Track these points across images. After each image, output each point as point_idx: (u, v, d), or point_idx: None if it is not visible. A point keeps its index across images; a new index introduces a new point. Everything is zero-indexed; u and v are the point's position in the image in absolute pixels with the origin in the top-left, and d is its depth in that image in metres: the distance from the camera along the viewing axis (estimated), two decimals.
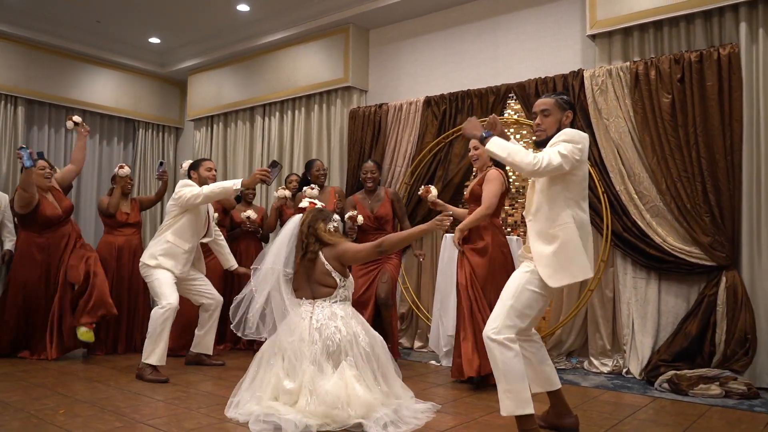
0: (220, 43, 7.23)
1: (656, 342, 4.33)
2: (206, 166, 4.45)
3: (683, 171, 4.21)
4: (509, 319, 2.56)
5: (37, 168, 4.61)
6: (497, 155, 2.65)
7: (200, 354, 4.53)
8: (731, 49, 4.10)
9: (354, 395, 2.85)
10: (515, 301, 2.59)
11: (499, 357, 2.51)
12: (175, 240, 4.21)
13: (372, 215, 4.77)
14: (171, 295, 4.08)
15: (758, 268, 4.01)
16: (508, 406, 2.51)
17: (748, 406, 3.53)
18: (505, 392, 2.51)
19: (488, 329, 2.57)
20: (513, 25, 5.42)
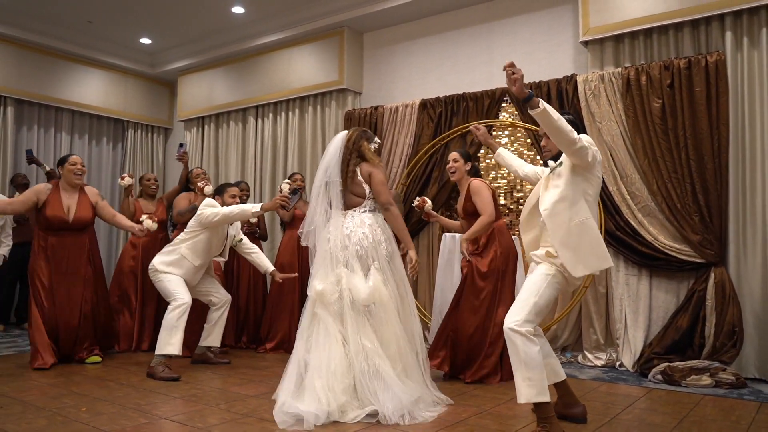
0: (212, 44, 7.27)
1: (648, 336, 4.53)
2: (231, 192, 4.55)
3: (673, 172, 4.42)
4: (530, 315, 2.68)
5: (68, 164, 4.59)
6: (551, 116, 2.58)
7: (207, 352, 4.60)
8: (718, 56, 4.32)
9: (379, 296, 3.21)
10: (538, 299, 2.72)
11: (521, 347, 2.63)
12: (188, 255, 4.31)
13: None
14: (184, 294, 4.20)
15: (744, 264, 4.24)
16: (528, 394, 2.63)
17: (737, 394, 3.75)
18: (524, 380, 2.63)
19: (510, 321, 2.68)
20: (507, 30, 5.59)
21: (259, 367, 4.54)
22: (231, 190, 4.58)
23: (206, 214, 4.25)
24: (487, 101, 5.37)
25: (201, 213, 4.29)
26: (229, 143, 7.43)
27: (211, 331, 4.59)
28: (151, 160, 8.30)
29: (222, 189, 4.60)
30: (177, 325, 4.10)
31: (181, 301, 4.15)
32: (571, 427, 2.91)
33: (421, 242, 5.74)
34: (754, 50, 4.29)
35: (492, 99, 5.35)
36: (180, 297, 4.17)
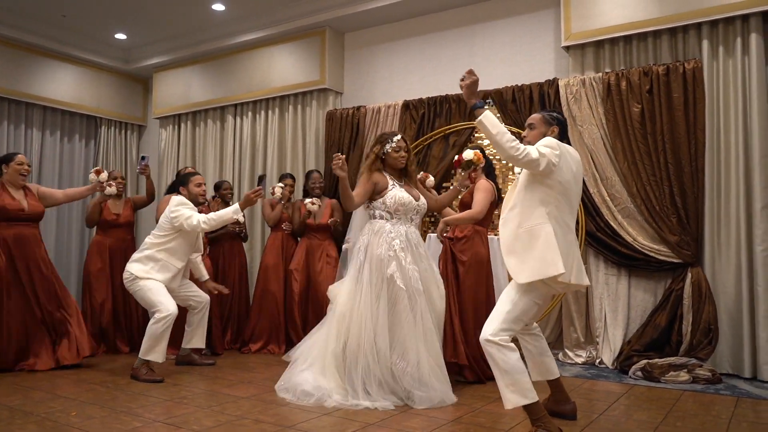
0: (191, 41, 7.18)
1: (626, 334, 4.66)
2: (196, 181, 4.33)
3: (652, 175, 4.55)
4: (505, 324, 2.71)
5: (14, 163, 4.43)
6: (487, 128, 2.64)
7: (191, 353, 4.56)
8: (695, 64, 4.47)
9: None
10: (512, 307, 2.74)
11: (498, 356, 2.67)
12: (168, 258, 4.18)
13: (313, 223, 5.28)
14: (169, 303, 4.05)
15: (719, 264, 4.40)
16: (512, 399, 2.68)
17: (714, 390, 3.90)
18: (507, 386, 2.67)
19: (486, 332, 2.72)
20: (489, 33, 5.67)
21: (246, 368, 4.52)
22: (195, 178, 4.34)
23: (184, 224, 4.08)
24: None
25: (177, 215, 4.10)
26: (206, 142, 7.34)
27: (194, 334, 4.53)
28: (124, 158, 8.15)
29: (186, 179, 4.35)
30: (162, 336, 4.03)
31: (166, 313, 3.99)
32: (562, 424, 2.98)
33: None
34: (729, 59, 4.45)
35: None
36: (165, 308, 4.00)
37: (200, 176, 4.44)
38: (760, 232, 4.20)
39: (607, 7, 4.84)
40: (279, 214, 5.31)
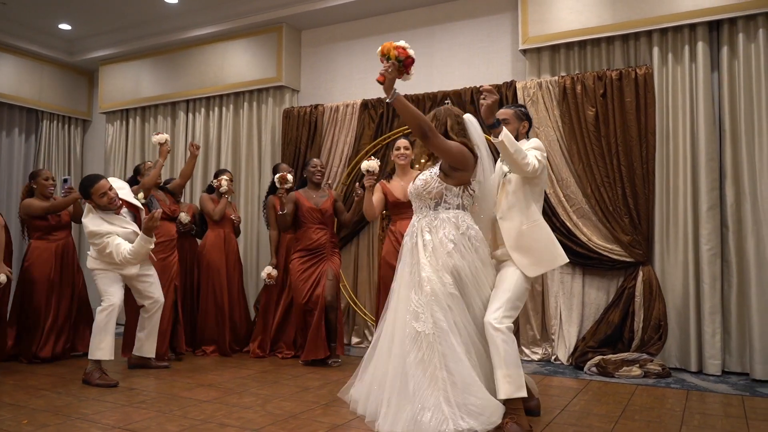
0: (140, 33, 6.95)
1: (581, 331, 4.80)
2: (99, 191, 3.95)
3: (606, 177, 4.70)
4: (508, 310, 2.80)
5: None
6: (507, 149, 2.77)
7: (143, 356, 4.42)
8: (646, 70, 4.64)
9: None
10: (512, 294, 2.84)
11: (502, 346, 2.72)
12: (113, 266, 4.03)
13: (317, 207, 4.80)
14: (115, 294, 4.00)
15: (668, 263, 4.59)
16: (508, 390, 2.71)
17: (665, 383, 4.06)
18: (504, 377, 2.72)
19: (491, 318, 2.77)
20: (447, 35, 5.72)
21: (203, 370, 4.41)
22: (98, 188, 3.92)
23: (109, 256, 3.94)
24: (429, 103, 5.47)
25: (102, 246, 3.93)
26: None
27: (145, 342, 4.36)
28: (68, 154, 7.81)
29: (87, 191, 3.95)
30: (106, 329, 3.92)
31: (109, 302, 3.95)
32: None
33: (362, 242, 5.77)
34: (677, 65, 4.64)
35: (433, 102, 5.46)
36: (108, 297, 3.97)
37: (104, 181, 3.99)
38: (706, 232, 4.40)
39: (563, 13, 4.96)
40: (224, 208, 5.20)
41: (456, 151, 2.94)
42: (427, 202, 3.03)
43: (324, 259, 4.77)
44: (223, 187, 5.14)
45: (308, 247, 4.75)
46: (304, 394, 3.66)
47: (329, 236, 4.85)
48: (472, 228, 2.95)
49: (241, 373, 4.31)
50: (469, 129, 3.04)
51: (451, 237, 2.91)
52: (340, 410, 3.28)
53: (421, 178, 3.06)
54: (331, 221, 4.89)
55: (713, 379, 4.21)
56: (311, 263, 4.75)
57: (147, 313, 4.33)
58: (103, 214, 4.03)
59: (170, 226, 4.92)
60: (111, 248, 3.94)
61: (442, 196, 2.99)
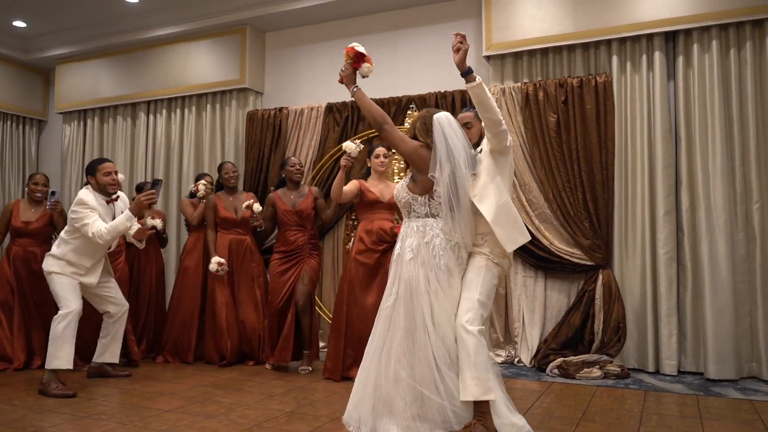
0: (99, 32, 6.78)
1: (543, 333, 4.88)
2: (104, 170, 4.04)
3: (567, 182, 4.79)
4: (479, 311, 2.78)
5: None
6: (485, 92, 2.82)
7: (104, 365, 4.31)
8: (605, 78, 4.76)
9: None
10: (479, 294, 2.81)
11: (473, 348, 2.72)
12: (76, 259, 3.98)
13: (293, 210, 4.71)
14: (73, 302, 3.91)
15: (626, 266, 4.71)
16: (475, 392, 2.70)
17: (624, 384, 4.16)
18: (472, 379, 2.71)
19: (462, 321, 2.76)
20: (412, 39, 5.75)
21: (164, 379, 4.33)
22: (104, 166, 4.04)
23: (83, 228, 3.86)
24: (394, 108, 5.50)
25: (76, 217, 3.89)
26: (116, 139, 6.97)
27: (108, 347, 4.25)
28: (22, 154, 7.57)
29: (93, 167, 4.05)
30: (64, 337, 3.82)
31: (67, 310, 3.85)
32: None
33: (327, 244, 5.75)
34: (635, 74, 4.76)
35: (398, 106, 5.49)
36: (67, 304, 3.88)
37: (111, 164, 4.11)
38: (662, 236, 4.53)
39: (525, 21, 5.04)
40: (203, 213, 5.11)
41: (409, 149, 2.96)
42: (402, 210, 3.10)
43: (301, 261, 4.69)
44: (201, 191, 5.06)
45: (286, 249, 4.70)
46: (269, 401, 3.63)
47: (307, 237, 4.76)
48: (438, 236, 2.92)
49: (203, 380, 4.25)
50: (435, 127, 2.97)
51: (413, 246, 2.93)
52: (305, 417, 3.27)
53: (396, 188, 3.11)
54: (309, 222, 4.79)
55: (670, 379, 4.34)
56: (289, 264, 4.68)
57: (112, 318, 4.23)
58: (99, 196, 4.02)
59: None
60: (89, 221, 3.85)
61: (410, 206, 3.01)
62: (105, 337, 4.26)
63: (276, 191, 4.86)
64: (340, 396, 3.76)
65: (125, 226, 3.90)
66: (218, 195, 5.07)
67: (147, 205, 3.88)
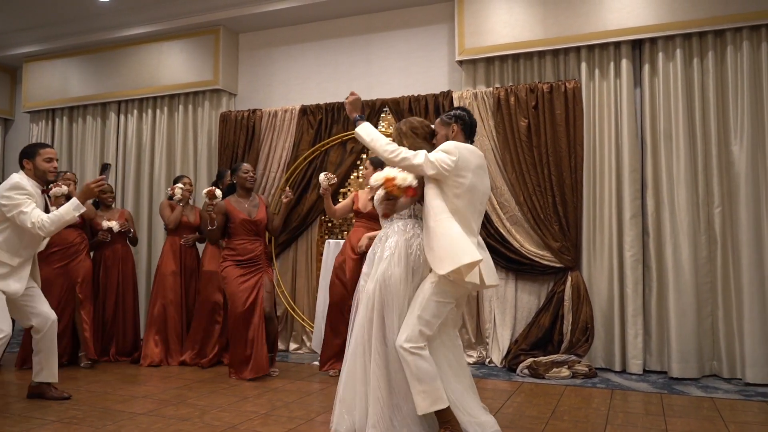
0: (69, 30, 6.68)
1: (513, 334, 4.98)
2: (45, 155, 3.61)
3: (537, 186, 4.90)
4: (416, 329, 2.76)
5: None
6: (362, 137, 2.93)
7: (42, 384, 3.75)
8: (575, 84, 4.87)
9: None
10: (422, 312, 2.79)
11: (411, 362, 2.73)
12: (1, 255, 3.48)
13: (251, 219, 4.61)
14: (3, 322, 3.36)
15: (594, 268, 4.83)
16: (424, 406, 2.73)
17: (591, 383, 4.27)
18: (419, 393, 2.73)
19: (400, 339, 2.77)
20: (385, 43, 5.80)
21: (137, 381, 4.30)
22: (45, 151, 3.61)
23: (19, 217, 3.40)
24: (367, 111, 5.53)
25: (7, 204, 3.42)
26: (85, 140, 6.87)
27: (44, 365, 3.70)
28: None
29: (32, 150, 3.62)
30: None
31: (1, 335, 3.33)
32: None
33: (300, 246, 5.76)
34: (603, 81, 4.89)
35: (372, 109, 5.53)
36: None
37: (52, 149, 3.69)
38: (629, 238, 4.66)
39: (497, 27, 5.14)
40: (179, 216, 5.08)
41: None
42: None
43: (260, 270, 4.59)
44: (177, 195, 5.01)
45: (242, 259, 4.55)
46: (243, 404, 3.64)
47: (263, 247, 4.75)
48: (418, 236, 2.96)
49: (176, 383, 4.23)
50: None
51: (391, 245, 2.96)
52: (279, 419, 3.29)
53: (378, 193, 3.06)
54: (264, 232, 4.75)
55: (635, 378, 4.47)
56: (248, 271, 4.56)
57: (38, 334, 3.66)
58: (34, 183, 3.60)
59: (70, 233, 4.78)
60: (27, 209, 3.40)
61: None
62: (38, 354, 3.71)
63: (227, 198, 4.67)
64: (314, 397, 3.79)
65: (71, 216, 3.47)
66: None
67: (96, 192, 3.58)
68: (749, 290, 4.34)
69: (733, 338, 4.44)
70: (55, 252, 4.76)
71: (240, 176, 4.67)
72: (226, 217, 4.58)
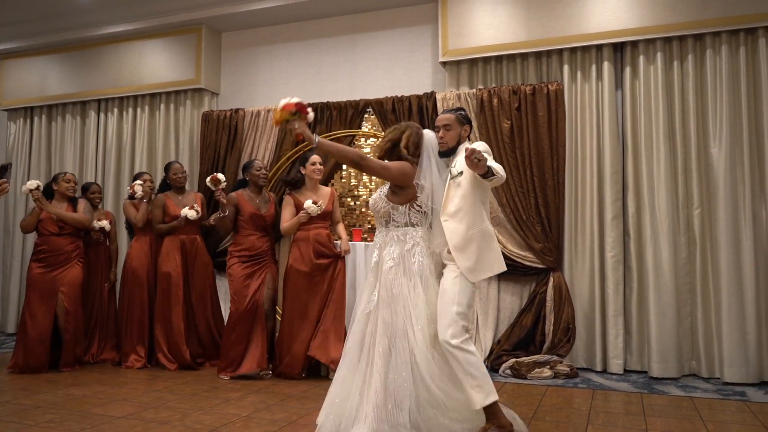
0: (48, 27, 6.58)
1: (496, 334, 5.00)
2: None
3: (520, 187, 4.92)
4: (459, 324, 2.80)
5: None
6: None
7: None
8: (557, 86, 4.90)
9: None
10: (458, 306, 2.82)
11: (462, 360, 2.75)
12: None
13: (261, 214, 4.67)
14: None
15: (576, 269, 4.87)
16: (480, 399, 2.76)
17: (573, 384, 4.30)
18: (473, 387, 2.76)
19: (446, 336, 2.77)
20: (369, 44, 5.79)
21: (115, 384, 4.25)
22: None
23: None
24: (351, 111, 5.53)
25: None
26: (64, 138, 6.77)
27: None
28: None
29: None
30: None
31: None
32: None
33: (282, 248, 5.72)
34: (585, 83, 4.93)
35: (356, 109, 5.52)
36: None
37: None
38: (610, 240, 4.71)
39: (481, 28, 5.15)
40: (146, 214, 5.01)
41: (395, 172, 3.00)
42: (379, 220, 3.13)
43: (265, 266, 4.62)
44: (137, 193, 4.94)
45: (249, 254, 4.58)
46: (225, 406, 3.61)
47: (270, 243, 4.76)
48: (419, 244, 2.98)
49: (156, 385, 4.19)
50: (425, 143, 3.07)
51: (393, 256, 2.97)
52: (261, 421, 3.27)
53: (373, 197, 3.14)
54: (271, 229, 4.77)
55: (616, 377, 4.51)
56: (254, 269, 4.56)
57: None
58: None
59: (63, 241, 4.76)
60: None
61: (389, 215, 3.06)
62: None
63: (238, 190, 4.75)
64: (296, 399, 3.77)
65: None
66: (167, 194, 4.99)
67: None
68: (727, 291, 4.40)
69: (711, 338, 4.50)
70: (43, 257, 4.70)
71: (253, 173, 4.76)
72: (236, 209, 4.65)
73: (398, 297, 2.90)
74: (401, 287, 2.91)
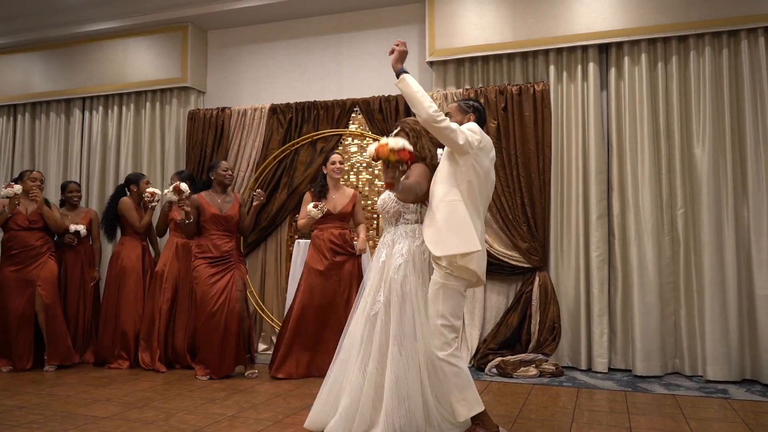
0: (31, 24, 6.51)
1: (482, 333, 5.01)
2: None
3: (506, 187, 4.94)
4: (445, 336, 2.73)
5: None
6: (410, 86, 2.71)
7: None
8: (543, 86, 4.93)
9: None
10: (441, 319, 2.74)
11: (449, 372, 2.71)
12: None
13: (222, 214, 4.58)
14: None
15: (561, 269, 4.90)
16: (464, 412, 2.73)
17: (558, 382, 4.33)
18: (459, 401, 2.71)
19: (434, 348, 2.73)
20: (356, 43, 5.79)
21: (99, 384, 4.21)
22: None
23: None
24: (338, 110, 5.53)
25: None
26: (48, 137, 6.70)
27: None
28: None
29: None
30: None
31: None
32: None
33: (269, 246, 5.72)
34: (571, 83, 4.96)
35: (342, 109, 5.52)
36: None
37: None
38: (595, 239, 4.74)
39: (468, 29, 5.17)
40: (150, 219, 5.04)
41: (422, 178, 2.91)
42: (388, 219, 3.12)
43: (232, 267, 4.54)
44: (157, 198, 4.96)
45: (213, 256, 4.51)
46: (210, 406, 3.60)
47: (234, 244, 4.67)
48: None
49: (141, 385, 4.16)
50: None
51: (403, 252, 2.96)
52: (247, 421, 3.26)
53: (382, 197, 3.13)
54: (236, 228, 4.70)
55: (600, 376, 4.54)
56: (220, 269, 4.50)
57: None
58: None
59: (31, 236, 4.74)
60: None
61: (400, 214, 3.07)
62: None
63: (200, 193, 4.66)
64: (282, 399, 3.77)
65: None
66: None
67: None
68: (710, 290, 4.45)
69: (694, 337, 4.55)
70: (14, 254, 4.67)
71: (219, 173, 4.67)
72: (198, 211, 4.56)
73: (407, 297, 2.87)
74: (410, 285, 2.89)
